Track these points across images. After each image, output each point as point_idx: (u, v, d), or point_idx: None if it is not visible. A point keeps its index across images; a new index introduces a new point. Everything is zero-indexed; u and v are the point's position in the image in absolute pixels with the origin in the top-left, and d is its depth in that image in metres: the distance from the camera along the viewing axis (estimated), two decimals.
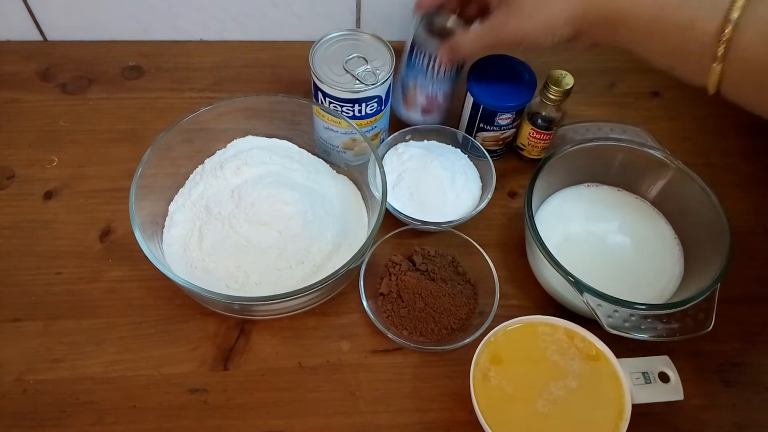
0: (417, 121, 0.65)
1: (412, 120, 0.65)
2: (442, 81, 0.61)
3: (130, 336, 0.54)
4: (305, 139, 0.65)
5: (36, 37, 0.75)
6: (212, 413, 0.51)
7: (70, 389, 0.51)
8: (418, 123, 0.65)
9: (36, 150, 0.66)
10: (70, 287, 0.57)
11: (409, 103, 0.63)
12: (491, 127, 0.63)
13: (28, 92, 0.71)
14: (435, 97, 0.62)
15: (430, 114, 0.64)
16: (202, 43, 0.77)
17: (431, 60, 0.58)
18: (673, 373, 0.49)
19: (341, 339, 0.55)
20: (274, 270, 0.54)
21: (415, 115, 0.64)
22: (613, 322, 0.48)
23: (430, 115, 0.64)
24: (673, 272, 0.56)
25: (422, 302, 0.55)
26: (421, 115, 0.64)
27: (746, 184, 0.68)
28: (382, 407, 0.52)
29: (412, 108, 0.64)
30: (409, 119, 0.65)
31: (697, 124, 0.73)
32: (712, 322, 0.49)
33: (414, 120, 0.65)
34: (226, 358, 0.54)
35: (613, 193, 0.61)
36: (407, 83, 0.62)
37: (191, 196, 0.59)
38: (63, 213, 0.62)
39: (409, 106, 0.64)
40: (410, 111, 0.64)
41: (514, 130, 0.64)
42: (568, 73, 0.60)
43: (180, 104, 0.71)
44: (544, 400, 0.47)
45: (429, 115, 0.64)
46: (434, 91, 0.62)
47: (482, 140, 0.64)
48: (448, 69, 0.60)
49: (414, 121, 0.65)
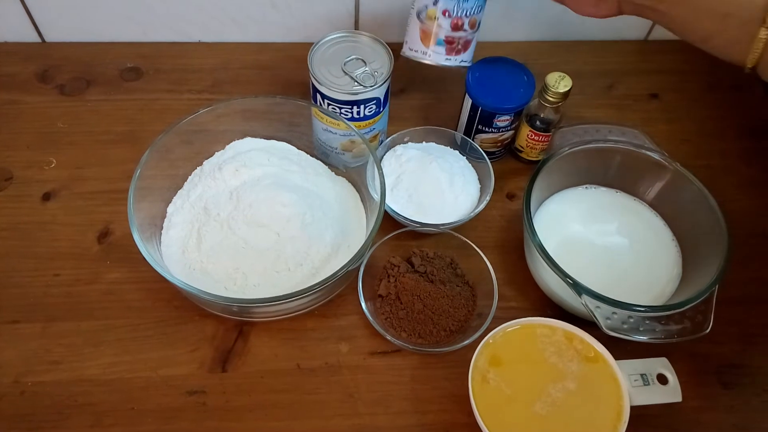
0: (440, 63, 0.56)
1: (435, 61, 0.56)
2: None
3: (129, 338, 0.54)
4: (304, 141, 0.65)
5: (34, 38, 0.75)
6: (211, 415, 0.51)
7: (69, 391, 0.51)
8: (442, 64, 0.56)
9: (34, 151, 0.66)
10: (69, 289, 0.57)
11: (428, 36, 0.54)
12: (490, 129, 0.63)
13: (26, 94, 0.70)
14: (461, 24, 0.53)
15: (455, 51, 0.55)
16: (200, 45, 0.77)
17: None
18: (672, 375, 0.49)
19: (340, 341, 0.55)
20: (273, 272, 0.54)
21: (437, 53, 0.55)
22: (611, 324, 0.48)
23: (456, 54, 0.55)
24: (671, 274, 0.56)
25: (421, 304, 0.55)
26: (446, 52, 0.55)
27: (744, 186, 0.68)
28: (380, 409, 0.52)
29: (432, 43, 0.54)
30: (431, 61, 0.56)
31: (696, 126, 0.73)
32: (711, 324, 0.49)
33: (436, 61, 0.56)
34: (224, 360, 0.54)
35: (612, 195, 0.61)
36: (425, 7, 0.52)
37: (190, 197, 0.59)
38: (61, 214, 0.61)
39: (428, 41, 0.54)
40: (430, 48, 0.54)
41: (513, 132, 0.64)
42: (566, 75, 0.60)
43: (178, 106, 0.71)
44: (543, 402, 0.47)
45: (454, 53, 0.55)
46: (460, 12, 0.52)
47: (481, 142, 0.64)
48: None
49: (436, 63, 0.56)
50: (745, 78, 0.49)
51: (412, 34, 0.57)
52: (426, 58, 0.56)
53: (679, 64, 0.78)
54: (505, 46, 0.73)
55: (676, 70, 0.78)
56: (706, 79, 0.76)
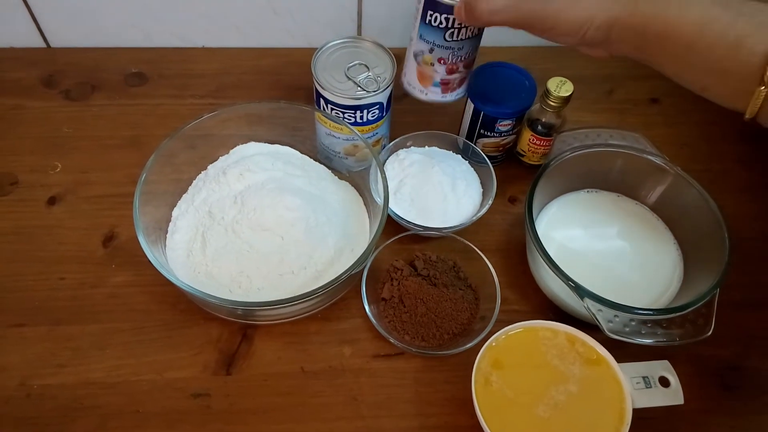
0: (436, 100, 0.59)
1: (431, 99, 0.59)
2: (463, 45, 0.54)
3: (134, 341, 0.55)
4: (307, 146, 0.65)
5: (39, 43, 0.76)
6: (215, 418, 0.51)
7: (74, 394, 0.52)
8: (438, 101, 0.59)
9: (39, 156, 0.66)
10: (74, 292, 0.57)
11: (426, 77, 0.57)
12: (492, 134, 0.63)
13: (31, 99, 0.71)
14: (455, 68, 0.56)
15: (451, 89, 0.58)
16: (204, 50, 0.78)
17: (450, 19, 0.51)
18: (674, 378, 0.49)
19: (343, 344, 0.55)
20: (277, 275, 0.54)
21: (434, 92, 0.58)
22: (613, 327, 0.49)
23: (451, 91, 0.58)
24: (672, 277, 0.56)
25: (424, 307, 0.55)
26: (441, 92, 0.58)
27: (745, 189, 0.68)
28: (384, 412, 0.52)
29: (429, 84, 0.57)
30: (428, 99, 0.59)
31: (696, 130, 0.73)
32: (712, 327, 0.49)
33: (433, 99, 0.59)
34: (228, 363, 0.54)
35: (613, 199, 0.62)
36: (421, 52, 0.55)
37: (194, 201, 0.59)
38: (66, 219, 0.62)
39: (425, 83, 0.57)
40: (427, 88, 0.57)
41: (515, 137, 0.65)
42: (567, 80, 0.60)
43: (182, 111, 0.71)
44: (545, 405, 0.47)
45: (450, 91, 0.58)
46: (455, 59, 0.55)
47: (483, 146, 0.65)
48: (471, 29, 0.52)
49: (433, 101, 0.59)
50: None
51: (409, 71, 0.58)
52: (423, 97, 0.59)
53: None
54: (506, 52, 0.74)
55: None
56: None
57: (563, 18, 0.46)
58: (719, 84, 0.44)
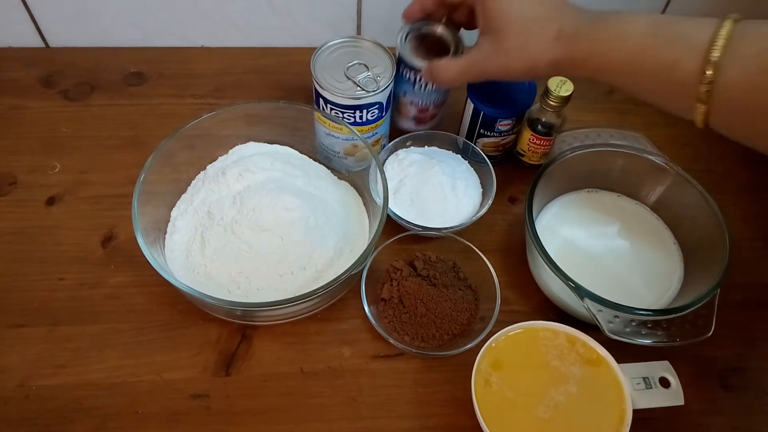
0: (411, 129, 0.65)
1: (407, 128, 0.66)
2: (431, 93, 0.61)
3: (133, 341, 0.55)
4: (306, 145, 0.65)
5: (38, 43, 0.75)
6: (214, 419, 0.51)
7: (73, 395, 0.52)
8: (413, 130, 0.65)
9: (38, 156, 0.66)
10: (73, 293, 0.57)
11: (402, 113, 0.64)
12: (491, 133, 0.63)
13: (30, 99, 0.71)
14: (426, 109, 0.63)
15: (423, 123, 0.65)
16: (203, 50, 0.77)
17: (418, 74, 0.58)
18: (674, 379, 0.49)
19: (343, 344, 0.55)
20: (276, 276, 0.54)
21: (408, 124, 0.65)
22: (613, 328, 0.49)
23: (424, 124, 0.65)
24: (672, 278, 0.56)
25: (423, 308, 0.55)
26: (415, 124, 0.65)
27: (745, 190, 0.68)
28: (383, 413, 0.52)
29: (405, 118, 0.65)
30: (404, 128, 0.66)
31: (697, 130, 0.72)
32: (713, 328, 0.49)
33: (408, 128, 0.66)
34: (228, 364, 0.54)
35: (613, 199, 0.62)
36: (398, 95, 0.62)
37: (193, 202, 0.59)
38: (65, 219, 0.62)
39: (402, 116, 0.65)
40: (403, 121, 0.65)
41: (515, 136, 0.65)
42: (567, 80, 0.60)
43: (182, 110, 0.71)
44: (545, 406, 0.47)
45: (422, 124, 0.65)
46: (425, 103, 0.62)
47: (482, 146, 0.64)
48: None
49: (408, 129, 0.66)
50: None
51: None
52: (401, 124, 0.66)
53: None
54: None
55: None
56: None
57: (512, 68, 0.51)
58: (668, 102, 0.47)
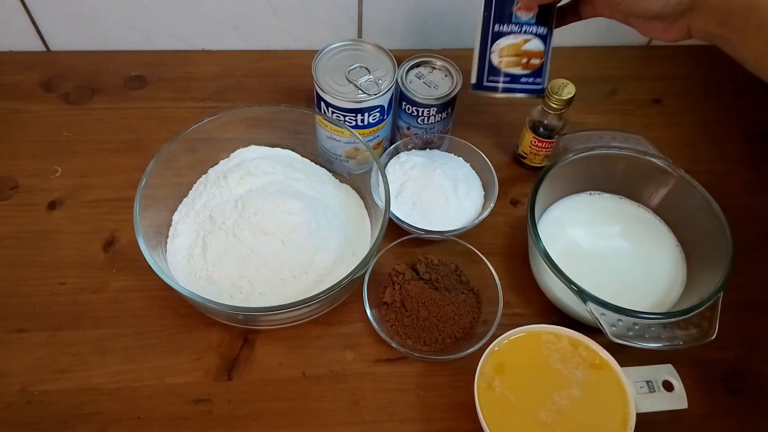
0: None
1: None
2: (434, 125, 0.57)
3: (134, 346, 0.54)
4: (308, 149, 0.65)
5: (39, 47, 0.75)
6: (217, 423, 0.51)
7: (75, 400, 0.51)
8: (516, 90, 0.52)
9: (39, 160, 0.66)
10: (74, 297, 0.57)
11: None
12: (509, 27, 0.50)
13: (31, 102, 0.71)
14: (431, 141, 0.59)
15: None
16: (204, 53, 0.77)
17: (420, 110, 0.52)
18: (677, 382, 0.49)
19: (345, 348, 0.55)
20: (278, 280, 0.54)
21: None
22: (616, 331, 0.48)
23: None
24: (676, 280, 0.56)
25: (426, 311, 0.55)
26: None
27: (748, 191, 0.68)
28: (386, 417, 0.52)
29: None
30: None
31: (698, 131, 0.73)
32: (716, 330, 0.49)
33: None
34: (230, 368, 0.54)
35: (615, 202, 0.62)
36: (401, 127, 0.56)
37: (195, 206, 0.59)
38: (67, 223, 0.62)
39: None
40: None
41: (540, 43, 0.51)
42: (569, 82, 0.60)
43: (182, 114, 0.71)
44: (548, 410, 0.47)
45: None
46: (429, 133, 0.58)
47: (500, 54, 0.51)
48: (439, 114, 0.55)
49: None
50: (747, 83, 0.49)
51: None
52: None
53: (681, 70, 0.78)
54: None
55: (678, 76, 0.78)
56: (708, 84, 0.77)
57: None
58: None
